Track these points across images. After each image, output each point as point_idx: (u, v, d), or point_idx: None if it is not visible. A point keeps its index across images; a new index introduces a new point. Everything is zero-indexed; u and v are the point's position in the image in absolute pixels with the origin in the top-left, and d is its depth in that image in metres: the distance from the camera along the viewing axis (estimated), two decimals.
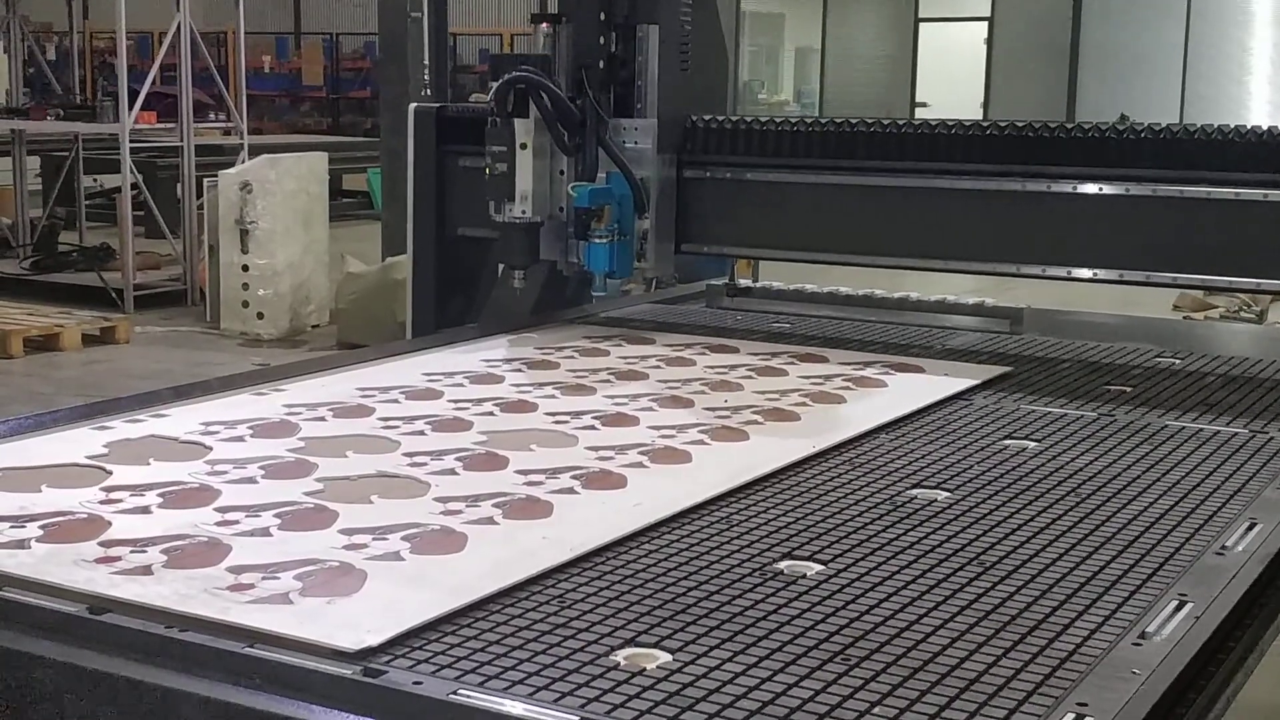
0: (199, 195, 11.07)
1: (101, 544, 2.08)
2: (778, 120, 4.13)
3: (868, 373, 3.48)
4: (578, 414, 2.96)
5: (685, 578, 2.04)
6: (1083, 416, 3.10)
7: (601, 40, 3.96)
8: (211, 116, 12.97)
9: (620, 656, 1.76)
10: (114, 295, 11.10)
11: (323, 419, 2.89)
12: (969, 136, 3.84)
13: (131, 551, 2.04)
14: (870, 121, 3.98)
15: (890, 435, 2.91)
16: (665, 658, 1.76)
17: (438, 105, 4.51)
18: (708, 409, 3.05)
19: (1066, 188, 3.72)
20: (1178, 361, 3.71)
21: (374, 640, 1.74)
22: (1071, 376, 3.53)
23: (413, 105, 4.50)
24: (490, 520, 2.25)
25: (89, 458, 2.55)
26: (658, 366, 3.50)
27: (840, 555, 2.17)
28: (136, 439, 2.70)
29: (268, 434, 2.76)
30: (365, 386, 3.16)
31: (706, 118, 4.15)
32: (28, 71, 15.88)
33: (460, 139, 4.33)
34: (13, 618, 1.86)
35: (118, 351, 9.67)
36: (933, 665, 1.76)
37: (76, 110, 12.32)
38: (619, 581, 2.01)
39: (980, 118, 19.83)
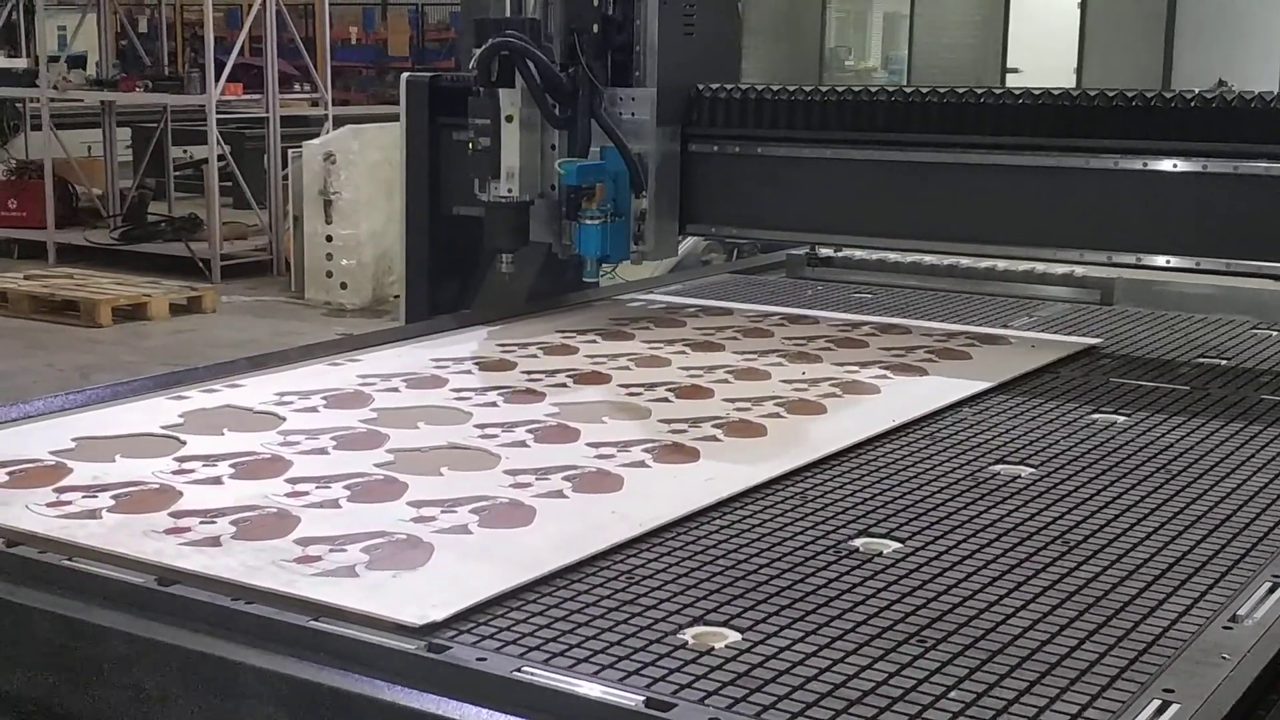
0: (284, 166, 11.17)
1: (172, 514, 2.07)
2: (790, 89, 3.76)
3: (951, 345, 3.41)
4: (651, 386, 2.92)
5: (757, 555, 1.99)
6: (1174, 391, 3.00)
7: (596, 3, 3.64)
8: (296, 88, 13.05)
9: (688, 635, 1.72)
10: (201, 265, 11.24)
11: (396, 390, 2.88)
12: (1000, 106, 3.47)
13: (201, 522, 2.04)
14: (891, 90, 3.64)
15: (973, 409, 2.84)
16: (734, 637, 1.72)
17: (431, 74, 4.15)
18: (784, 381, 2.99)
19: (1108, 163, 3.34)
20: (1275, 333, 3.59)
21: (438, 615, 1.72)
22: (1163, 349, 3.42)
23: (404, 75, 4.16)
24: (560, 493, 2.22)
25: (164, 428, 2.55)
26: (734, 338, 3.45)
27: (919, 533, 2.11)
28: (211, 409, 2.70)
29: (341, 405, 2.75)
30: (439, 357, 3.15)
31: (714, 87, 3.81)
32: (120, 44, 16.10)
33: (456, 110, 3.89)
34: (82, 588, 1.86)
35: (204, 321, 9.80)
36: (1012, 648, 1.70)
37: (165, 82, 12.48)
38: (689, 558, 1.97)
39: (1073, 84, 19.43)
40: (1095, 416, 2.80)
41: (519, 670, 1.61)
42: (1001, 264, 4.13)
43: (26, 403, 2.67)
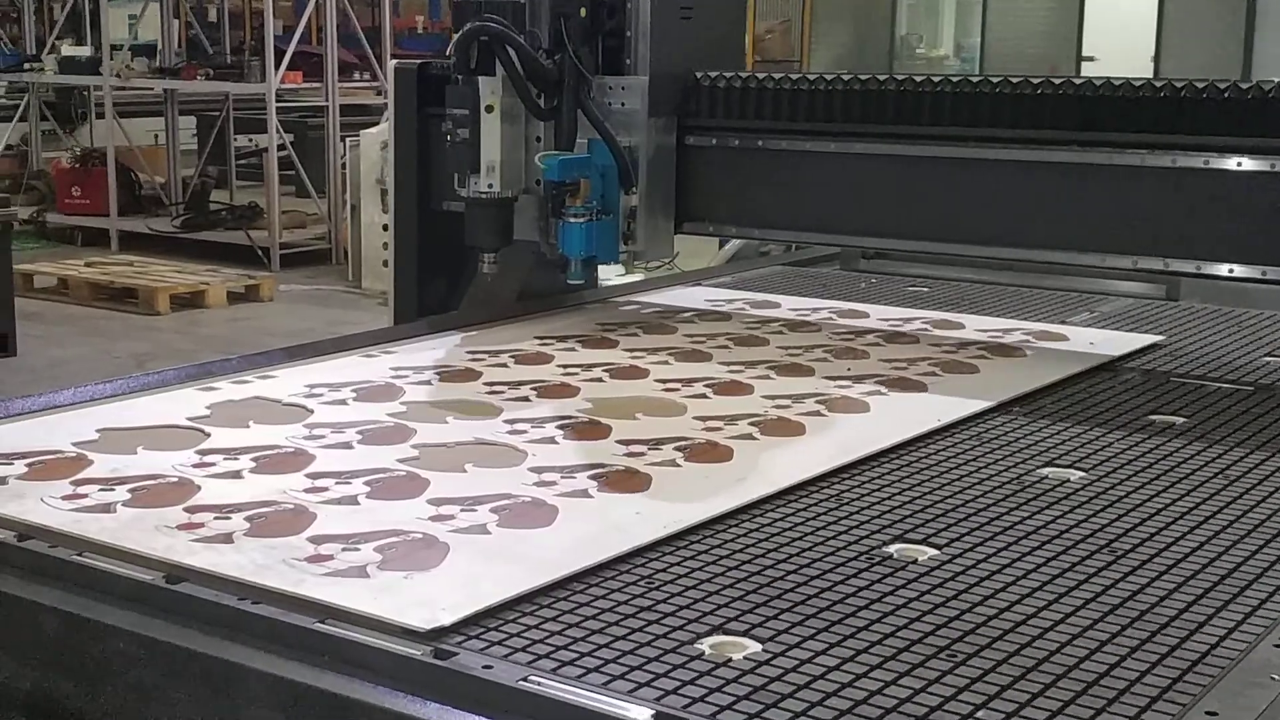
0: (344, 154, 11.20)
1: (187, 509, 2.03)
2: (793, 78, 3.46)
3: (1006, 340, 3.31)
4: (689, 381, 2.84)
5: (784, 560, 1.92)
6: (1238, 391, 2.89)
7: None
8: (356, 76, 13.06)
9: (706, 645, 1.64)
10: (260, 254, 11.29)
11: (428, 383, 2.83)
12: (1017, 96, 3.15)
13: (215, 518, 1.99)
14: (901, 79, 3.31)
15: (1025, 409, 2.74)
16: (754, 648, 1.64)
17: (419, 62, 3.79)
18: (828, 378, 2.91)
19: (1135, 158, 3.04)
20: None
21: (447, 620, 1.66)
22: (1228, 347, 3.30)
23: (392, 62, 3.91)
24: (584, 493, 2.15)
25: (190, 419, 2.51)
26: (780, 332, 3.36)
27: (957, 539, 2.02)
28: (240, 401, 2.66)
29: (371, 397, 2.70)
30: (475, 349, 3.09)
31: (712, 75, 3.52)
32: (189, 33, 16.23)
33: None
34: (90, 584, 1.82)
35: (261, 309, 9.83)
36: (1047, 665, 1.62)
37: (226, 70, 12.53)
38: (713, 563, 1.90)
39: (1151, 73, 19.04)
40: (1153, 418, 2.69)
41: (525, 680, 1.54)
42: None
43: (55, 392, 2.64)
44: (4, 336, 7.44)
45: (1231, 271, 3.01)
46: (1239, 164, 2.95)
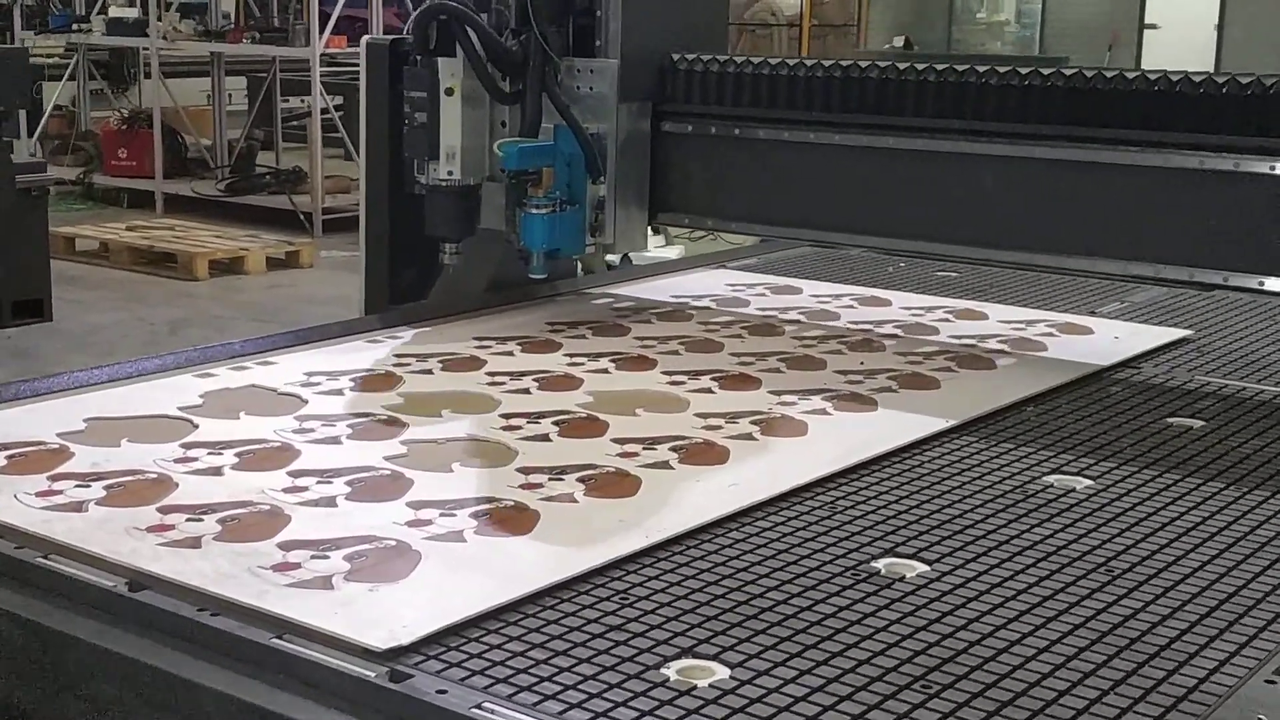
0: None
1: (160, 509, 1.99)
2: (773, 62, 3.25)
3: (1029, 333, 3.22)
4: (696, 374, 2.78)
5: (766, 575, 1.86)
6: (1263, 392, 2.79)
7: None
8: None
9: (672, 669, 1.59)
10: (303, 218, 11.28)
11: (430, 371, 2.78)
12: (1004, 87, 2.97)
13: (187, 519, 1.96)
14: (884, 65, 3.12)
15: (1038, 409, 2.66)
16: (722, 673, 1.58)
17: (392, 38, 3.49)
18: (839, 372, 2.84)
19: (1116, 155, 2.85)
20: None
21: (405, 639, 1.61)
22: (1260, 343, 3.20)
23: (365, 38, 3.61)
24: (569, 497, 2.09)
25: (180, 409, 2.48)
26: (796, 320, 3.29)
27: (949, 554, 1.95)
28: (235, 389, 2.62)
29: (368, 387, 2.66)
30: (483, 336, 3.04)
31: (690, 57, 3.33)
32: None
33: None
34: (52, 589, 1.79)
35: (300, 276, 9.81)
36: (1026, 698, 1.55)
37: (272, 33, 12.51)
38: (691, 577, 1.84)
39: (1214, 41, 18.60)
40: (1171, 420, 2.60)
41: (478, 707, 1.50)
42: None
43: (49, 378, 2.62)
44: (40, 302, 7.47)
45: (1226, 280, 2.90)
46: (1235, 164, 2.78)
